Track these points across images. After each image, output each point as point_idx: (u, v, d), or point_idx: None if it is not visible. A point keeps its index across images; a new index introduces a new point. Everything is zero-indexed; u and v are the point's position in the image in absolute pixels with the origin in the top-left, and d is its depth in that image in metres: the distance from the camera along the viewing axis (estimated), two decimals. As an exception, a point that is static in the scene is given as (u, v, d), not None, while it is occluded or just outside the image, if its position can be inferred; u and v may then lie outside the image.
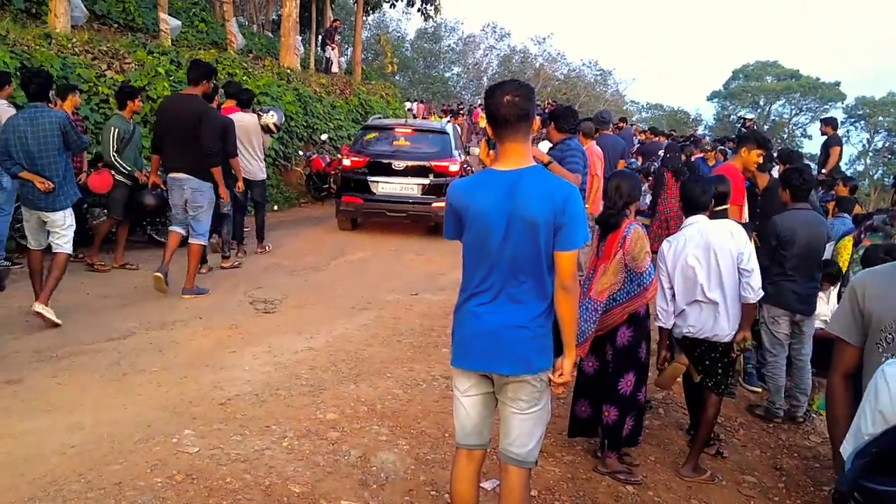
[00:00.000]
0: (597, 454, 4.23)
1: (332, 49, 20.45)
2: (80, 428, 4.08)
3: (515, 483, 2.80)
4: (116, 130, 7.60)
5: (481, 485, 3.23)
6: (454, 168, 10.44)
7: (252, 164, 8.69)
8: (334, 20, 21.94)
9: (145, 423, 4.19)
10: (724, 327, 4.09)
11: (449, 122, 13.74)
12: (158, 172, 7.36)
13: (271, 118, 9.01)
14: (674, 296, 4.18)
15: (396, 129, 11.23)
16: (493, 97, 2.65)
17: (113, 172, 7.64)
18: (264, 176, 9.19)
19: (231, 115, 7.96)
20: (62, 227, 5.93)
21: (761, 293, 4.11)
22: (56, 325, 5.76)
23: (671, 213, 9.26)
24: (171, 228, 7.11)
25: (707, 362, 4.20)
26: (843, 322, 2.54)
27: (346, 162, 10.77)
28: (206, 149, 6.76)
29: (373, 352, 5.75)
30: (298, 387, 4.93)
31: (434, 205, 10.05)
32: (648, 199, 9.86)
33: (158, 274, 6.73)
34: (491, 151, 4.84)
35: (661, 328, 4.32)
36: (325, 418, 4.40)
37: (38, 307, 5.75)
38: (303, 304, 7.08)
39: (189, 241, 6.99)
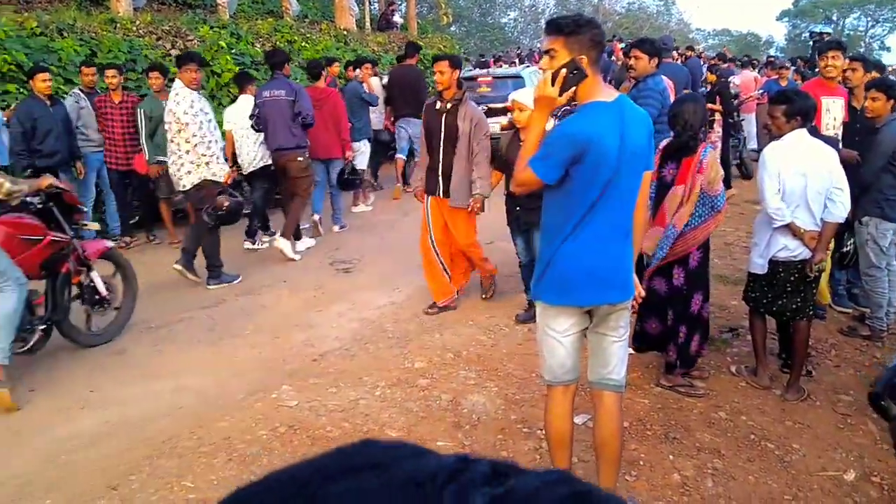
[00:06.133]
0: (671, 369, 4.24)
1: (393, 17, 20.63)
2: (185, 390, 4.33)
3: (615, 407, 2.88)
4: (142, 112, 7.41)
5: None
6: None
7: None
8: (390, 3, 21.88)
9: (245, 382, 4.41)
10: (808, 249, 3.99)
11: (528, 66, 14.66)
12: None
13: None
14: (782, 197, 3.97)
15: (479, 79, 12.98)
16: None
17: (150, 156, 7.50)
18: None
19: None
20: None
21: (845, 215, 3.96)
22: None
23: None
24: (397, 156, 10.24)
25: (789, 288, 4.10)
26: None
27: None
28: (423, 99, 9.12)
29: (453, 301, 5.84)
30: (385, 339, 5.08)
31: None
32: None
33: (399, 186, 10.21)
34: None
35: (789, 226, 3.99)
36: (413, 367, 4.53)
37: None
38: (380, 261, 7.22)
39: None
